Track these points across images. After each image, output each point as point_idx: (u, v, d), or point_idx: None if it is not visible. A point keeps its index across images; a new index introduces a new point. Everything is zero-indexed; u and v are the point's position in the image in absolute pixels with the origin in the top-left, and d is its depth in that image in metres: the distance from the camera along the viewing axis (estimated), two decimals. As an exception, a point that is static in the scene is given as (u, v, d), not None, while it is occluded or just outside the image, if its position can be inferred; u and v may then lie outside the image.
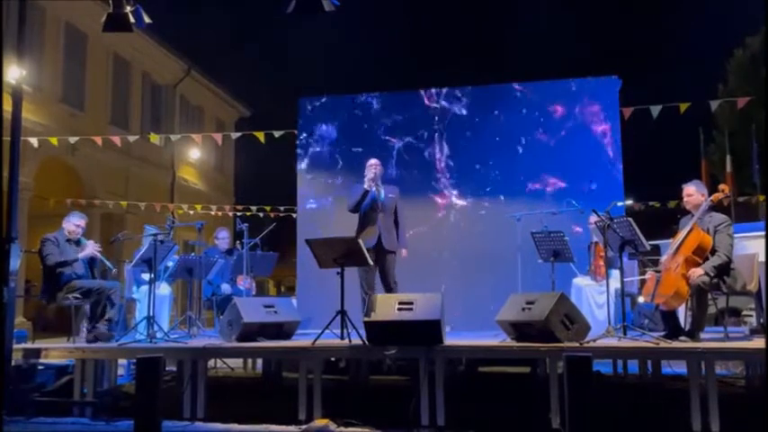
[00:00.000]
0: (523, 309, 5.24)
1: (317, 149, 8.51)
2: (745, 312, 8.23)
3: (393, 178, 7.81)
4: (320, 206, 8.42)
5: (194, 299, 7.53)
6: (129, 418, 4.93)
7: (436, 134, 8.20)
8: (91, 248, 6.32)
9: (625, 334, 5.14)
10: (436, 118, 8.23)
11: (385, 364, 6.48)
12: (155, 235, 6.18)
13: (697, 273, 4.94)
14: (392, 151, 8.26)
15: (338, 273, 5.62)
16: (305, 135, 8.58)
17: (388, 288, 6.39)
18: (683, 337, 5.06)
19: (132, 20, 5.68)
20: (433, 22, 42.80)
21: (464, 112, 8.17)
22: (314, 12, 5.10)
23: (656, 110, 8.20)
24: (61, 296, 6.10)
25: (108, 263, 6.50)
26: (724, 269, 5.04)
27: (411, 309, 5.14)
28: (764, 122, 10.59)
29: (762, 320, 5.83)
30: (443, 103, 8.26)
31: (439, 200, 8.07)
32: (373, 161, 6.55)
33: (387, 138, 8.34)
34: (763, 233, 6.77)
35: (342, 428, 4.99)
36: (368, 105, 8.47)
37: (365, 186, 6.37)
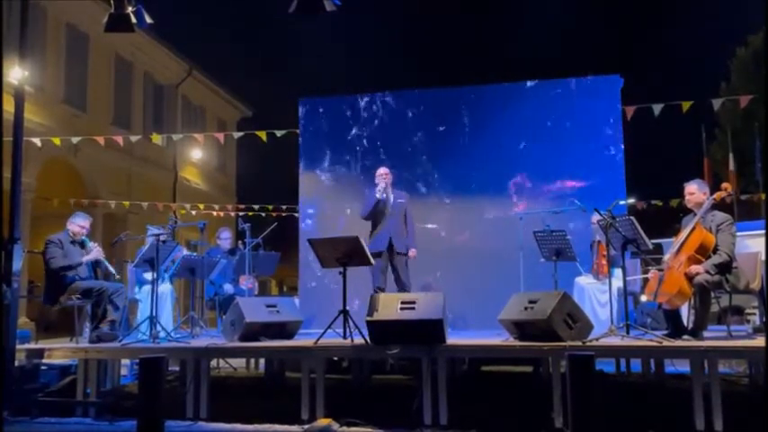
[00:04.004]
0: (526, 308, 5.24)
1: (319, 149, 8.50)
2: (747, 311, 8.21)
3: (395, 177, 7.79)
4: (322, 205, 8.42)
5: (197, 299, 7.54)
6: (132, 419, 4.94)
7: (437, 134, 8.18)
8: (95, 253, 6.32)
9: (628, 333, 5.14)
10: (437, 118, 8.22)
11: (387, 364, 6.49)
12: (157, 235, 6.18)
13: (696, 270, 4.94)
14: (393, 150, 8.25)
15: (340, 272, 5.63)
16: (306, 134, 8.58)
17: (402, 289, 6.62)
18: (685, 336, 5.06)
19: (134, 20, 5.68)
20: (433, 22, 42.79)
21: (465, 111, 8.15)
22: (315, 12, 5.10)
23: (658, 108, 8.18)
24: (63, 299, 6.11)
25: (111, 268, 6.49)
26: (725, 267, 5.03)
27: (413, 308, 5.14)
28: (765, 121, 10.57)
29: (764, 319, 5.82)
30: (444, 102, 8.24)
31: (441, 199, 8.05)
32: (383, 170, 6.89)
33: (388, 137, 8.33)
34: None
35: (344, 428, 4.99)
36: (369, 105, 8.46)
37: (377, 196, 6.67)
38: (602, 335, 5.13)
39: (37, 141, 9.98)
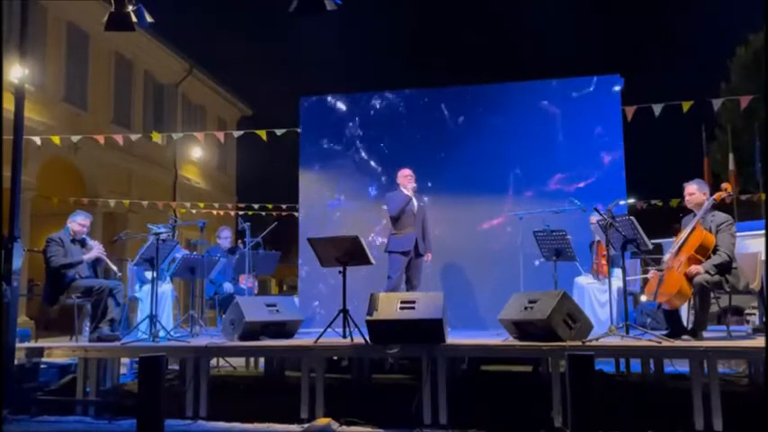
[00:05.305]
0: (526, 308, 5.24)
1: (319, 148, 8.50)
2: (747, 311, 8.21)
3: (394, 176, 7.79)
4: (322, 205, 8.41)
5: (197, 298, 7.54)
6: (131, 417, 4.94)
7: (437, 133, 8.17)
8: (96, 251, 6.32)
9: (627, 333, 5.14)
10: (437, 117, 8.21)
11: (387, 363, 6.49)
12: (157, 234, 6.18)
13: (696, 270, 4.94)
14: (393, 149, 8.24)
15: (340, 272, 5.63)
16: (306, 133, 8.57)
17: (413, 288, 6.82)
18: (685, 336, 5.07)
19: (134, 19, 5.68)
20: (433, 21, 42.81)
21: (465, 110, 8.15)
22: (315, 11, 5.10)
23: (658, 108, 8.17)
24: (64, 298, 6.11)
25: (113, 266, 6.49)
26: (725, 268, 5.03)
27: (413, 308, 5.14)
28: (766, 121, 10.56)
29: (764, 319, 5.82)
30: (444, 102, 8.24)
31: (440, 198, 8.04)
32: (409, 172, 7.04)
33: (388, 136, 8.32)
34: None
35: (344, 427, 5.00)
36: (369, 104, 8.46)
37: (409, 194, 6.88)
38: (602, 335, 5.13)
39: (37, 140, 9.98)
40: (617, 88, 7.78)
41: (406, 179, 6.99)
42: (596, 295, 6.50)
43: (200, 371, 5.50)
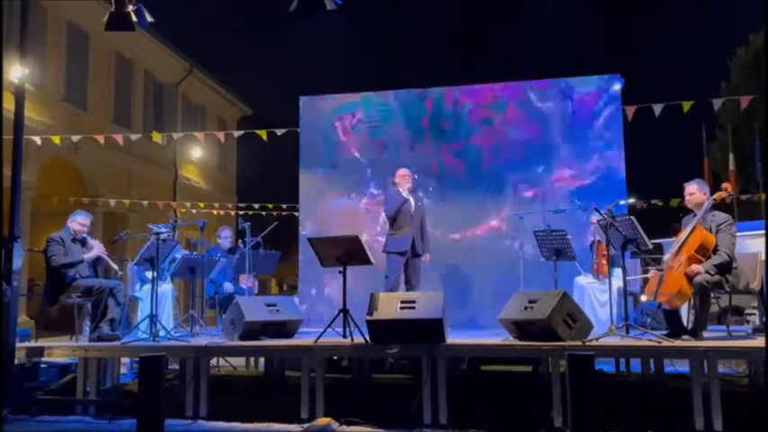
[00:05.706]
0: (526, 307, 5.24)
1: (319, 147, 8.50)
2: (747, 311, 8.21)
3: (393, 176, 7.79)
4: (322, 205, 8.41)
5: (197, 297, 7.54)
6: (131, 417, 4.94)
7: (437, 132, 8.17)
8: (97, 250, 6.32)
9: (627, 333, 5.14)
10: (436, 117, 8.21)
11: (387, 363, 6.49)
12: (157, 234, 6.18)
13: (696, 270, 4.94)
14: (393, 149, 8.24)
15: (340, 271, 5.63)
16: (307, 133, 8.56)
17: (412, 288, 6.79)
18: (685, 336, 5.07)
19: (134, 19, 5.69)
20: (434, 22, 42.82)
21: (465, 111, 8.14)
22: (316, 11, 5.10)
23: (658, 108, 8.17)
24: (63, 298, 6.11)
25: (113, 265, 6.49)
26: (725, 268, 5.03)
27: (413, 307, 5.15)
28: (766, 121, 10.56)
29: (764, 319, 5.82)
30: (444, 101, 8.23)
31: (441, 199, 8.04)
32: (406, 172, 6.98)
33: (388, 135, 8.32)
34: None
35: (344, 427, 5.00)
36: (369, 103, 8.45)
37: (405, 195, 6.82)
38: (602, 335, 5.13)
39: (37, 140, 9.98)
40: (617, 88, 7.78)
41: (403, 179, 6.95)
42: (596, 295, 6.50)
43: (200, 371, 5.50)
